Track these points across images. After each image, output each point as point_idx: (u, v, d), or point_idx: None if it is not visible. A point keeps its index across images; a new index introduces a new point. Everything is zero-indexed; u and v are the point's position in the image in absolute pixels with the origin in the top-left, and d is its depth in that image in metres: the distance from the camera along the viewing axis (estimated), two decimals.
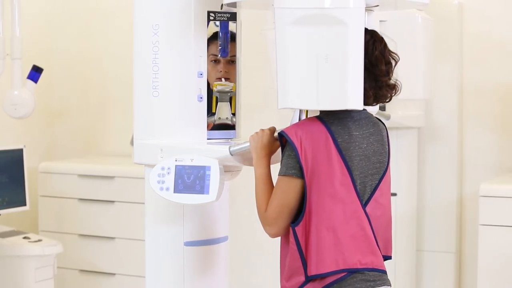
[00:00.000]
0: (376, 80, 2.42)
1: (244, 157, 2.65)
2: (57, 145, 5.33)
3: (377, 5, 2.61)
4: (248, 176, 2.85)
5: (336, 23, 2.33)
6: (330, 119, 2.42)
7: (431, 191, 4.65)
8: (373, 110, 2.59)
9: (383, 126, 2.56)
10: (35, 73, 4.36)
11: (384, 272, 2.46)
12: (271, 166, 2.54)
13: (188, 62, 2.77)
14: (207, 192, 2.60)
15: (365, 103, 2.47)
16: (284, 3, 2.38)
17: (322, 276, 2.37)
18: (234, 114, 2.91)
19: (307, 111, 2.58)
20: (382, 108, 4.25)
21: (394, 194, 4.35)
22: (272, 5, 2.41)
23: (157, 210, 2.82)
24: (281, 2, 2.38)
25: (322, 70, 2.35)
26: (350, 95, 2.34)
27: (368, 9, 2.59)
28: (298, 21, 2.36)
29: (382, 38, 2.45)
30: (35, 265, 4.21)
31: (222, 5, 2.77)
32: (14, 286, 4.20)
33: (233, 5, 2.69)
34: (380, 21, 3.29)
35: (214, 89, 2.86)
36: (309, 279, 2.39)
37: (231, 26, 2.84)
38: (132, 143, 3.00)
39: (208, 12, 2.79)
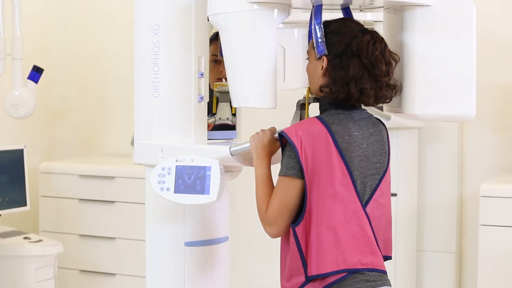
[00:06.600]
0: (376, 81, 2.42)
1: (245, 158, 2.65)
2: (57, 145, 5.33)
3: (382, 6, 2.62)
4: (248, 176, 2.85)
5: (219, 28, 2.58)
6: (330, 119, 2.42)
7: (431, 191, 4.64)
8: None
9: (383, 126, 2.56)
10: (36, 73, 4.36)
11: (384, 272, 2.46)
12: (272, 166, 2.54)
13: (188, 62, 2.77)
14: (208, 193, 2.60)
15: (366, 103, 2.47)
16: None
17: (322, 276, 2.37)
18: (234, 115, 2.91)
19: (307, 111, 2.58)
20: (381, 109, 4.23)
21: (394, 194, 4.35)
22: None
23: (157, 211, 2.82)
24: None
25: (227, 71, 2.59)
26: (247, 94, 2.55)
27: (415, 4, 2.50)
28: None
29: (382, 39, 2.45)
30: (35, 265, 4.21)
31: None
32: (15, 286, 4.20)
33: None
34: (374, 21, 3.26)
35: (215, 89, 2.86)
36: (309, 279, 2.39)
37: None
38: (132, 143, 3.01)
39: None
